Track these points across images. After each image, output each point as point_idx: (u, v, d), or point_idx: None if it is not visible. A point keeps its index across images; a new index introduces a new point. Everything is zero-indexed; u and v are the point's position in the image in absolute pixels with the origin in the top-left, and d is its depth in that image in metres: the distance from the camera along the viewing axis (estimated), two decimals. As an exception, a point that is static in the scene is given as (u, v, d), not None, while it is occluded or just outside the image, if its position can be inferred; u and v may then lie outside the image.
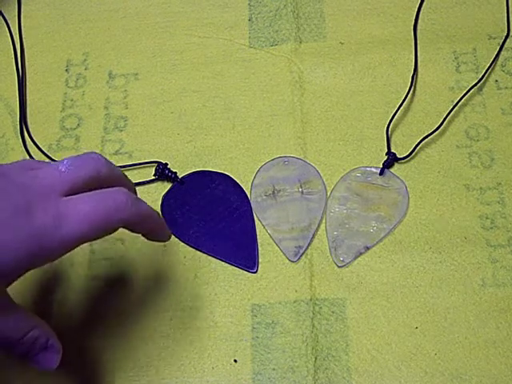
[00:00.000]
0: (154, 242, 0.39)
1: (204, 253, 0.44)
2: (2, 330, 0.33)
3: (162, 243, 0.44)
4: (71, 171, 0.34)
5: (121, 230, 0.35)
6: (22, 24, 0.54)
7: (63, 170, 0.34)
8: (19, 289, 0.44)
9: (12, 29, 0.54)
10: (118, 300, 0.43)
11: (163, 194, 0.46)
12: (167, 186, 0.47)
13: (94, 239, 0.34)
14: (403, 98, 0.48)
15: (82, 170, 0.34)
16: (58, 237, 0.32)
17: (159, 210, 0.46)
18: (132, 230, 0.36)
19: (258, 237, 0.45)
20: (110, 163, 0.36)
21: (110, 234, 0.34)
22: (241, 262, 0.44)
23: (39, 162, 0.35)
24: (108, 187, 0.35)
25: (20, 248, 0.31)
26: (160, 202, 0.46)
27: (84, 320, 0.43)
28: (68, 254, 0.45)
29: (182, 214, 0.45)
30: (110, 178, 0.36)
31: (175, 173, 0.46)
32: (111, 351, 0.42)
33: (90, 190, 0.34)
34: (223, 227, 0.45)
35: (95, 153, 0.36)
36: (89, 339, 0.42)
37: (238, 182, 0.46)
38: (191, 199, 0.46)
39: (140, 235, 0.38)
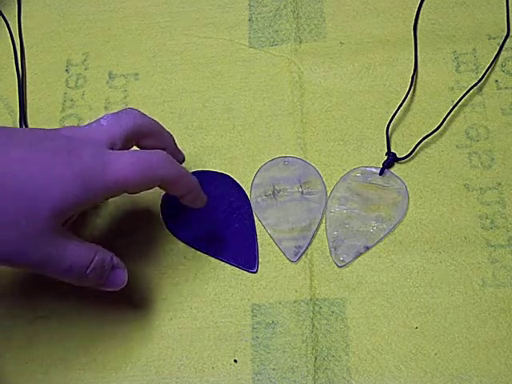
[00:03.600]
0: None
1: (204, 253, 0.44)
2: (74, 258, 0.35)
3: (162, 244, 0.44)
4: (112, 125, 0.37)
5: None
6: (22, 24, 0.54)
7: (104, 124, 0.37)
8: (19, 289, 0.44)
9: (12, 29, 0.54)
10: (118, 300, 0.43)
11: (163, 194, 0.46)
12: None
13: (134, 191, 0.37)
14: (403, 98, 0.48)
15: (123, 122, 0.38)
16: (105, 179, 0.35)
17: (159, 211, 0.46)
18: (169, 190, 0.39)
19: (258, 237, 0.45)
20: (148, 117, 0.40)
21: (148, 189, 0.38)
22: (241, 262, 0.44)
23: (81, 125, 0.39)
24: (148, 142, 0.39)
25: (73, 183, 0.34)
26: (160, 203, 0.46)
27: (84, 319, 0.43)
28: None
29: (182, 214, 0.45)
30: (149, 130, 0.39)
31: None
32: (111, 351, 0.42)
33: (131, 145, 0.39)
34: (223, 227, 0.45)
35: (133, 108, 0.39)
36: (89, 339, 0.42)
37: (237, 182, 0.46)
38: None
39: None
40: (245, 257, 0.44)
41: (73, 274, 0.36)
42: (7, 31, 0.54)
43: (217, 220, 0.45)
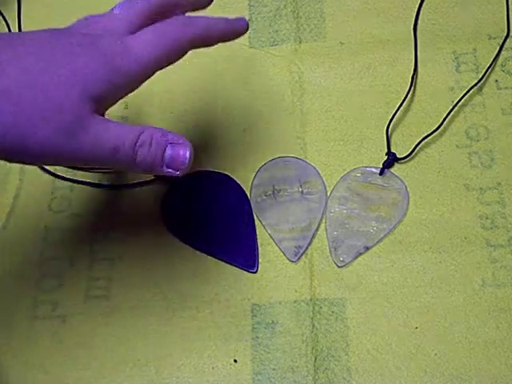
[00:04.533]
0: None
1: (204, 253, 0.44)
2: (118, 137, 0.33)
3: (162, 244, 0.44)
4: (126, 10, 0.36)
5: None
6: (22, 24, 0.54)
7: (118, 12, 0.37)
8: (20, 289, 0.44)
9: (12, 29, 0.54)
10: (118, 300, 0.43)
11: (163, 194, 0.46)
12: (167, 186, 0.47)
13: (166, 63, 0.36)
14: (403, 98, 0.48)
15: (136, 6, 0.37)
16: (131, 59, 0.34)
17: (159, 211, 0.46)
18: (206, 45, 0.38)
19: (258, 237, 0.45)
20: None
21: (181, 57, 0.37)
22: (241, 261, 0.44)
23: (95, 15, 0.37)
24: (167, 16, 0.37)
25: (97, 69, 0.33)
26: (160, 203, 0.46)
27: (84, 319, 0.43)
28: (68, 254, 0.46)
29: (181, 214, 0.45)
30: (166, 4, 0.38)
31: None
32: (111, 351, 0.42)
33: (151, 23, 0.36)
34: (223, 227, 0.45)
35: None
36: (89, 339, 0.42)
37: (238, 182, 0.46)
38: (191, 199, 0.46)
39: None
40: (245, 257, 0.44)
41: (120, 157, 0.33)
42: (7, 31, 0.54)
43: (217, 220, 0.45)
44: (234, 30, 0.41)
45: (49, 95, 0.31)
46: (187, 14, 0.40)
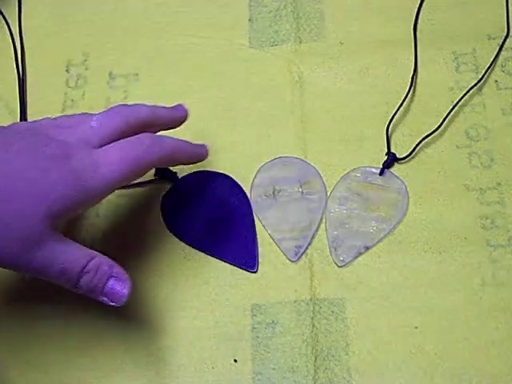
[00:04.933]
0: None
1: (204, 253, 0.44)
2: (67, 262, 0.35)
3: (162, 244, 0.44)
4: (102, 125, 0.37)
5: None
6: (22, 24, 0.54)
7: (95, 125, 0.37)
8: (20, 289, 0.44)
9: (12, 29, 0.54)
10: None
11: (163, 194, 0.46)
12: (167, 186, 0.47)
13: (130, 181, 0.37)
14: (403, 98, 0.48)
15: (113, 123, 0.38)
16: (97, 178, 0.35)
17: (159, 211, 0.46)
18: (168, 165, 0.41)
19: (258, 237, 0.45)
20: (139, 110, 0.40)
21: (144, 174, 0.38)
22: (241, 261, 0.44)
23: (71, 117, 0.39)
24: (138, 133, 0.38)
25: (65, 187, 0.34)
26: (160, 202, 0.46)
27: (84, 319, 0.43)
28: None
29: (182, 214, 0.45)
30: (138, 124, 0.39)
31: (175, 173, 0.46)
32: (111, 351, 0.42)
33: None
34: (223, 227, 0.45)
35: (122, 105, 0.40)
36: (89, 339, 0.42)
37: (237, 182, 0.46)
38: (191, 199, 0.46)
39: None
40: (245, 257, 0.44)
41: (65, 279, 0.35)
42: (7, 31, 0.54)
43: (217, 220, 0.45)
44: (197, 156, 0.43)
45: (14, 207, 0.33)
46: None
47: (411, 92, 0.48)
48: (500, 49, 0.49)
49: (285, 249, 0.44)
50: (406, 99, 0.48)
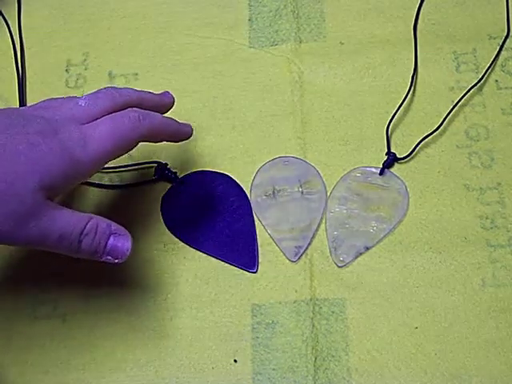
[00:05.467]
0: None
1: (204, 253, 0.44)
2: (64, 227, 0.35)
3: (162, 243, 0.45)
4: (90, 105, 0.38)
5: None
6: (22, 24, 0.54)
7: (82, 104, 0.38)
8: (20, 289, 0.44)
9: (12, 29, 0.54)
10: (118, 300, 0.43)
11: (163, 194, 0.46)
12: (167, 185, 0.47)
13: (118, 155, 0.38)
14: (403, 98, 0.48)
15: (101, 103, 0.38)
16: (86, 152, 0.35)
17: (159, 210, 0.46)
18: (154, 141, 0.41)
19: (258, 237, 0.45)
20: (127, 92, 0.40)
21: (132, 149, 0.38)
22: (241, 261, 0.44)
23: (58, 99, 0.39)
24: None
25: (54, 162, 0.34)
26: (160, 202, 0.46)
27: (84, 319, 0.43)
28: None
29: (182, 214, 0.45)
30: (125, 105, 0.39)
31: (175, 173, 0.46)
32: (111, 351, 0.42)
33: None
34: (223, 227, 0.45)
35: (110, 87, 0.40)
36: (89, 339, 0.42)
37: (237, 181, 0.46)
38: (191, 199, 0.46)
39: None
40: (245, 257, 0.44)
41: (65, 244, 0.35)
42: (7, 31, 0.54)
43: (217, 220, 0.45)
44: (182, 133, 0.43)
45: (6, 182, 0.33)
46: None
47: (411, 92, 0.48)
48: (500, 49, 0.49)
49: (285, 249, 0.44)
50: (406, 99, 0.48)
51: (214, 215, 0.45)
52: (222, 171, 0.47)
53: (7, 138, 0.34)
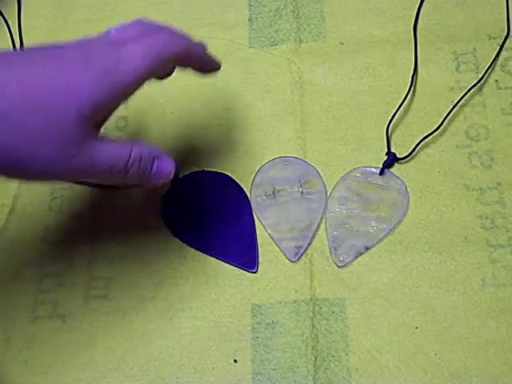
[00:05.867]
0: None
1: (204, 253, 0.44)
2: (112, 159, 0.35)
3: (162, 244, 0.44)
4: (121, 33, 0.37)
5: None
6: (22, 24, 0.54)
7: (113, 33, 0.37)
8: (20, 289, 0.44)
9: (12, 29, 0.54)
10: (118, 300, 0.43)
11: (163, 193, 0.46)
12: (167, 186, 0.47)
13: (152, 75, 0.37)
14: (403, 98, 0.48)
15: (131, 32, 0.37)
16: (123, 73, 0.35)
17: (159, 210, 0.46)
18: (184, 65, 0.40)
19: (258, 237, 0.45)
20: (156, 27, 0.38)
21: (166, 68, 0.38)
22: (241, 261, 0.44)
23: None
24: None
25: (91, 89, 0.34)
26: (160, 202, 0.46)
27: (83, 319, 0.43)
28: (68, 254, 0.46)
29: (181, 214, 0.45)
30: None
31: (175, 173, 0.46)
32: (111, 351, 0.42)
33: None
34: (223, 227, 0.45)
35: (141, 20, 0.39)
36: (89, 339, 0.42)
37: (237, 181, 0.46)
38: (191, 199, 0.46)
39: None
40: (245, 257, 0.44)
41: (114, 175, 0.36)
42: (7, 31, 0.54)
43: (217, 220, 0.45)
44: (211, 64, 0.42)
45: (47, 118, 0.32)
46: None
47: (411, 92, 0.48)
48: (500, 49, 0.49)
49: (285, 249, 0.44)
50: (406, 99, 0.48)
51: (214, 215, 0.45)
52: (222, 171, 0.47)
53: (44, 69, 0.33)
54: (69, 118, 0.33)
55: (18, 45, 0.54)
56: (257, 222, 0.45)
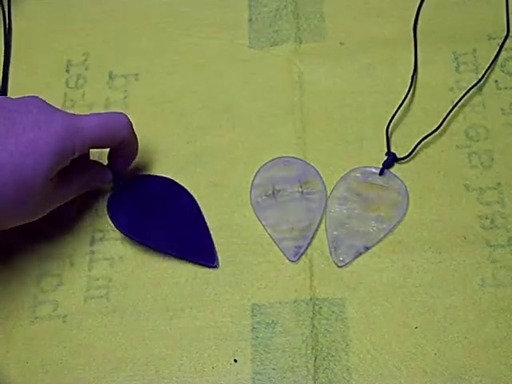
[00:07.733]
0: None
1: (168, 254, 0.44)
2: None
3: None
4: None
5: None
6: (22, 24, 0.54)
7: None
8: (20, 289, 0.44)
9: (12, 29, 0.54)
10: (118, 300, 0.43)
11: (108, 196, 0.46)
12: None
13: (101, 146, 0.43)
14: (403, 98, 0.48)
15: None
16: (78, 141, 0.40)
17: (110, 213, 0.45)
18: (122, 150, 0.44)
19: (258, 237, 0.44)
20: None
21: (113, 146, 0.43)
22: (200, 258, 0.44)
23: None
24: None
25: (55, 150, 0.39)
26: (106, 204, 0.46)
27: (84, 319, 0.43)
28: (67, 254, 0.46)
29: (133, 218, 0.45)
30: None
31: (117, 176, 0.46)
32: (111, 351, 0.42)
33: None
34: (176, 228, 0.44)
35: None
36: (89, 339, 0.42)
37: (181, 184, 0.46)
38: (135, 203, 0.45)
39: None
40: (203, 253, 0.44)
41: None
42: (7, 31, 0.54)
43: (168, 222, 0.45)
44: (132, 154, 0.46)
45: (16, 182, 0.38)
46: None
47: (411, 92, 0.48)
48: (500, 49, 0.49)
49: (285, 249, 0.44)
50: (406, 99, 0.48)
51: (165, 218, 0.45)
52: (221, 171, 0.47)
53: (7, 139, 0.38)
54: (36, 181, 0.39)
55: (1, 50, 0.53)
56: (257, 222, 0.45)
